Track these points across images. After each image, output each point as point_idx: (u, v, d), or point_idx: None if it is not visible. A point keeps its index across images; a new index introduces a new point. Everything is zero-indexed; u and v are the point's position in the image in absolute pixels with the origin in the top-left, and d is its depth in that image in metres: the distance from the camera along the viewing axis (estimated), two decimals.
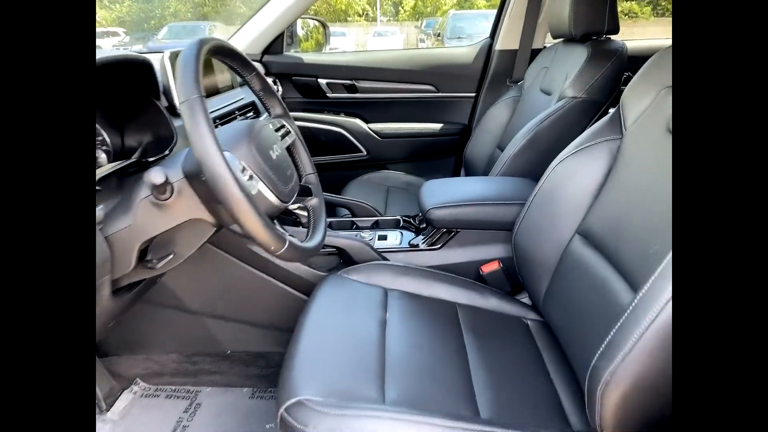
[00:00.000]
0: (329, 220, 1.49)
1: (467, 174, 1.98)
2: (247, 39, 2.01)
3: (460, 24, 11.31)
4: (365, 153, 2.20)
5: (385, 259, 1.30)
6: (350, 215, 1.57)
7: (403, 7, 26.65)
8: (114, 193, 0.87)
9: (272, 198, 0.84)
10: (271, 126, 0.96)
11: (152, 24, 21.04)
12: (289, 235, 0.78)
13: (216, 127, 1.00)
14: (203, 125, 0.68)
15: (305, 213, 1.03)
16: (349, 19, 26.53)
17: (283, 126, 1.03)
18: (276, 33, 2.00)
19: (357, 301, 1.06)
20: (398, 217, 1.50)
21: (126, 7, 21.82)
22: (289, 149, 1.06)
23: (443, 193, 1.33)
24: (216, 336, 1.38)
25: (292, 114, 2.12)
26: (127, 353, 1.40)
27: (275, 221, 0.85)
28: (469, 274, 1.26)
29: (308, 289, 1.26)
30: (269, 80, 1.96)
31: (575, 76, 1.43)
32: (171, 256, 0.89)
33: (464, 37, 10.15)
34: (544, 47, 2.00)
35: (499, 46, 2.05)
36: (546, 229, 1.02)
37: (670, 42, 1.13)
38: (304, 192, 1.04)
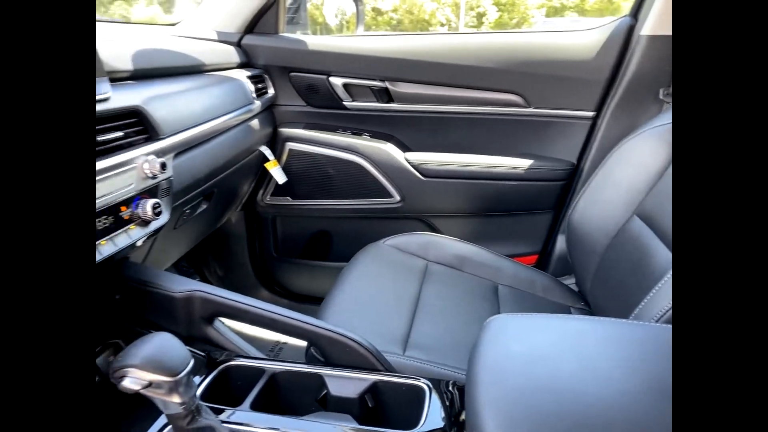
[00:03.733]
0: (274, 368, 0.70)
1: (572, 252, 1.09)
2: (220, 11, 1.25)
3: None
4: (397, 198, 1.36)
5: None
6: (323, 362, 0.75)
7: (487, 18, 25.60)
8: None
9: None
10: None
11: None
12: None
13: None
14: None
15: None
16: (431, 29, 25.88)
17: None
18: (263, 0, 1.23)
19: None
20: (420, 384, 0.67)
21: None
22: None
23: (542, 395, 0.46)
24: None
25: (286, 130, 1.38)
26: None
27: None
28: None
29: None
30: (246, 74, 1.19)
31: None
32: None
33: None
34: None
35: (648, 29, 1.14)
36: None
37: None
38: None
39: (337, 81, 1.31)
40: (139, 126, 0.74)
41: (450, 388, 0.68)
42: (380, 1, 25.17)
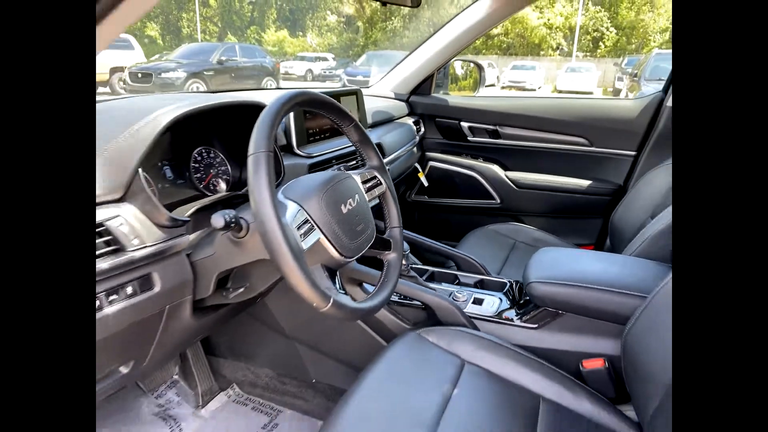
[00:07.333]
0: (433, 269, 1.45)
1: (613, 242, 1.74)
2: (397, 79, 2.09)
3: (663, 65, 10.03)
4: (498, 201, 2.09)
5: (474, 326, 1.20)
6: (455, 268, 1.50)
7: (604, 42, 25.01)
8: (208, 222, 0.95)
9: (333, 252, 0.83)
10: (357, 178, 0.96)
11: (355, 51, 23.57)
12: (344, 293, 0.75)
13: (310, 172, 1.06)
14: (263, 180, 0.71)
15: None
16: (542, 53, 25.90)
17: (374, 178, 1.02)
18: (424, 75, 2.04)
19: (426, 368, 1.00)
20: (505, 281, 1.38)
21: (336, 36, 25.03)
22: (379, 202, 1.05)
23: (554, 267, 1.18)
24: (305, 363, 1.43)
25: (429, 154, 2.21)
26: (232, 358, 1.54)
27: (333, 277, 0.85)
28: (566, 367, 1.09)
29: (390, 336, 1.23)
30: (411, 120, 2.00)
31: None
32: (242, 289, 0.94)
33: (665, 80, 8.99)
34: None
35: (671, 102, 1.77)
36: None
37: None
38: (385, 245, 1.02)
39: (465, 124, 2.08)
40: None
41: (515, 287, 1.40)
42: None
